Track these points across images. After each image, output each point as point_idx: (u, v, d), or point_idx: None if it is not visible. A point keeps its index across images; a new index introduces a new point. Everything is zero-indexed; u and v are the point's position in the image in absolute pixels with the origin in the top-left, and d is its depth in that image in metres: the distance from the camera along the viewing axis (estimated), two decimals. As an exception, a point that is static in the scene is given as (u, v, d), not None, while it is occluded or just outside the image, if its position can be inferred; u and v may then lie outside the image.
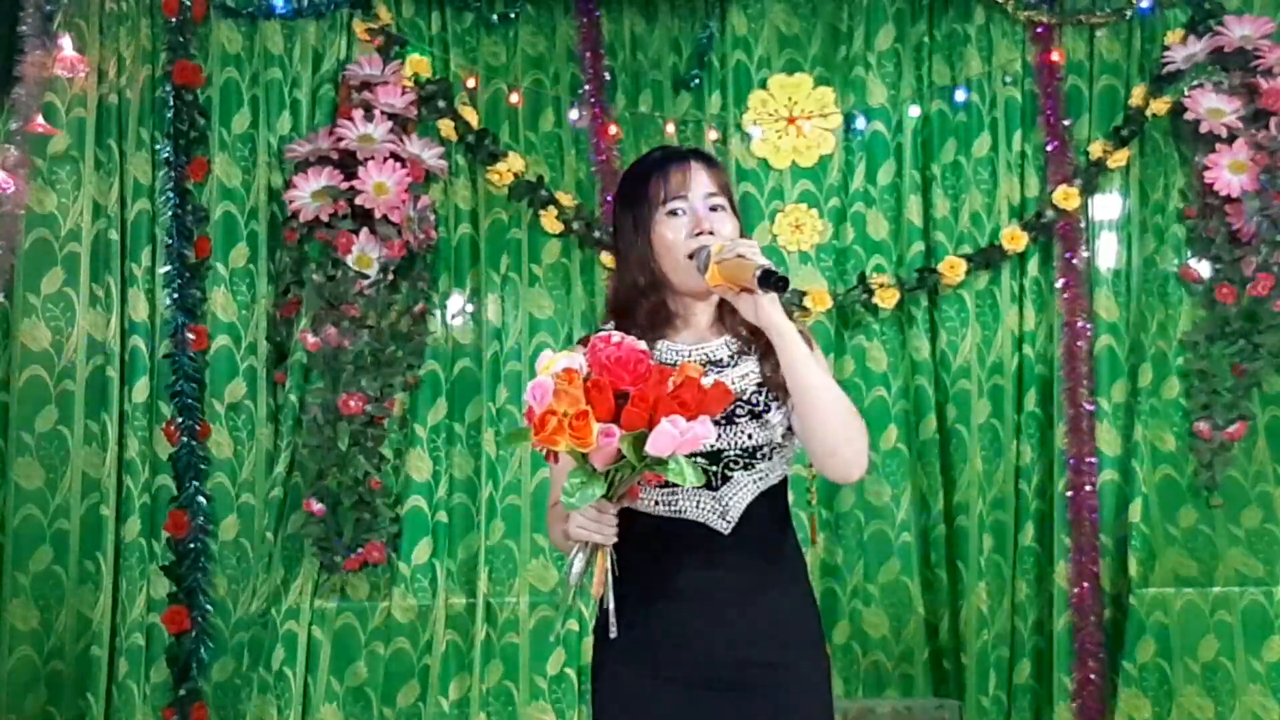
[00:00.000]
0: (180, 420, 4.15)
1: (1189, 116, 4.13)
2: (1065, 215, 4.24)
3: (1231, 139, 4.11)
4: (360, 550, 4.10)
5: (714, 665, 2.16)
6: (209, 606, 4.15)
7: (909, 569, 4.23)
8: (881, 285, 4.23)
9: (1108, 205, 4.30)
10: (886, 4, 4.33)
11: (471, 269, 4.30)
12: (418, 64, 4.22)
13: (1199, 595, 4.11)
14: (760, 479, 2.19)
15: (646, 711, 2.18)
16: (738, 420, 2.18)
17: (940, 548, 4.26)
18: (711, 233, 2.18)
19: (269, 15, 4.25)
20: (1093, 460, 4.19)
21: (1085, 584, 4.15)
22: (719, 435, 2.13)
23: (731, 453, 2.18)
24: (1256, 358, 4.16)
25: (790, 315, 2.14)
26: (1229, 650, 4.08)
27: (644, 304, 2.23)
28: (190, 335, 4.16)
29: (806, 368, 2.11)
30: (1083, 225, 4.29)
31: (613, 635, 2.11)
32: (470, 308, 4.30)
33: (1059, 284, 4.26)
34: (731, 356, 2.24)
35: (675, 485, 2.10)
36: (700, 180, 2.22)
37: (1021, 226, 4.26)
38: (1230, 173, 4.10)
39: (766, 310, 2.10)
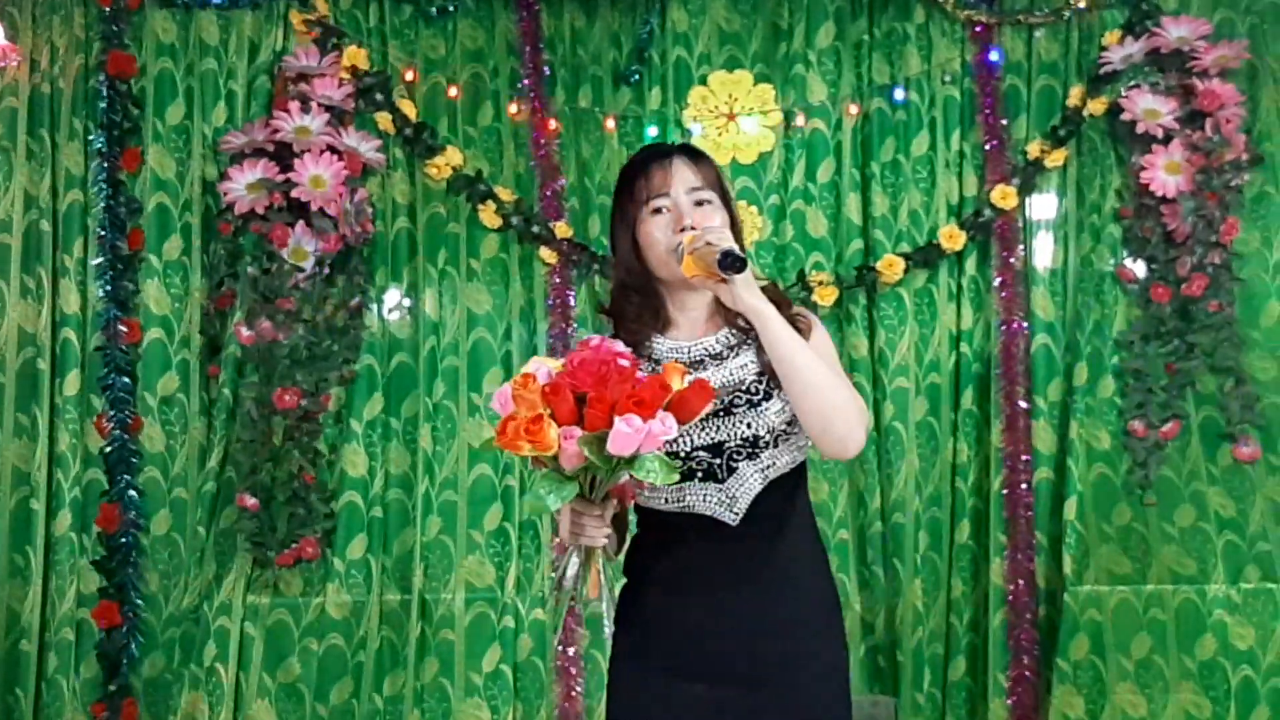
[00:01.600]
0: (112, 414, 4.11)
1: (1126, 117, 4.16)
2: (1003, 214, 4.25)
3: (1167, 140, 4.14)
4: (294, 546, 4.08)
5: (727, 661, 2.17)
6: (140, 602, 4.11)
7: (845, 566, 4.22)
8: (820, 283, 4.23)
9: (1045, 205, 4.31)
10: (827, 2, 4.31)
11: (409, 263, 4.27)
12: (355, 56, 4.19)
13: (1133, 593, 4.13)
14: (767, 468, 2.19)
15: (659, 708, 2.19)
16: (736, 410, 2.19)
17: (877, 545, 4.26)
18: (694, 227, 2.18)
19: (204, 5, 4.20)
20: (1028, 458, 4.21)
21: (1020, 581, 4.16)
22: (719, 427, 2.14)
23: (733, 443, 2.18)
24: (1191, 357, 4.19)
25: (787, 305, 2.16)
26: (1162, 648, 4.10)
27: (634, 301, 2.25)
28: (123, 328, 4.12)
29: (786, 347, 2.12)
30: (1020, 224, 4.29)
31: (606, 634, 2.15)
32: (407, 302, 4.27)
33: (996, 283, 4.27)
34: (730, 348, 2.25)
35: (682, 480, 2.11)
36: (683, 176, 2.23)
37: (959, 225, 4.26)
38: (1166, 173, 4.13)
39: (741, 294, 2.12)
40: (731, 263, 2.05)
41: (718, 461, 2.17)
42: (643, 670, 2.20)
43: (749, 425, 2.18)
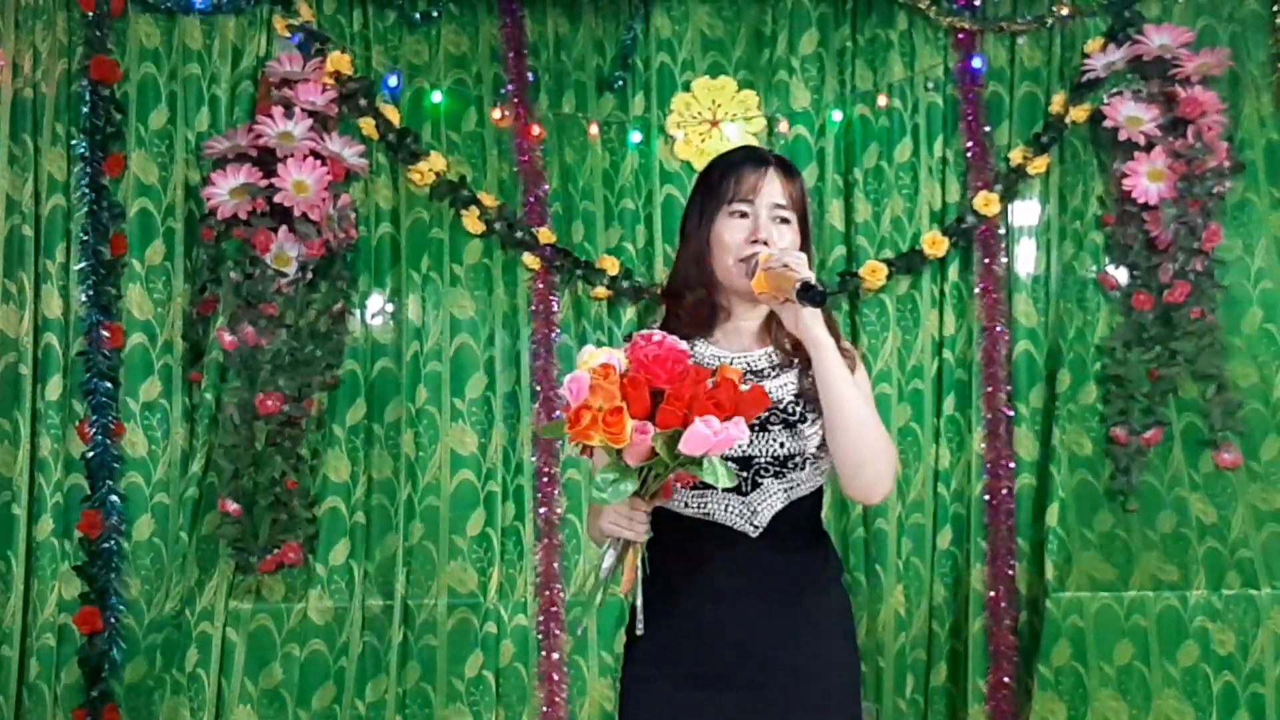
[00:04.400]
0: (94, 419, 4.10)
1: (1108, 124, 4.16)
2: (985, 221, 4.26)
3: (1150, 147, 4.15)
4: (276, 551, 4.07)
5: (738, 665, 2.18)
6: (122, 607, 4.10)
7: (828, 572, 4.22)
8: (803, 288, 4.23)
9: (1027, 211, 4.32)
10: (810, 8, 4.33)
11: (392, 268, 4.27)
12: (339, 61, 4.18)
13: (1114, 599, 4.13)
14: (790, 488, 2.21)
15: (669, 710, 2.20)
16: (771, 428, 2.20)
17: (859, 551, 4.26)
18: (767, 242, 2.19)
19: (188, 10, 4.20)
20: (1010, 465, 4.22)
21: (1001, 587, 4.17)
22: (751, 441, 2.15)
23: (763, 459, 2.20)
24: (1173, 364, 4.19)
25: (838, 338, 2.17)
26: (1144, 654, 4.10)
27: (691, 297, 2.25)
28: (105, 333, 4.12)
29: (840, 384, 2.14)
30: (1002, 231, 4.30)
31: (639, 632, 2.14)
32: (390, 307, 4.27)
33: (978, 289, 4.28)
34: (772, 367, 2.26)
35: (706, 488, 2.14)
36: (773, 189, 2.23)
37: (942, 231, 4.27)
38: (1148, 180, 4.14)
39: (806, 322, 2.13)
40: (813, 296, 2.06)
41: (745, 475, 2.19)
42: (657, 675, 2.21)
43: (782, 445, 2.20)
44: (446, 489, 4.19)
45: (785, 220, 2.24)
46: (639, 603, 2.12)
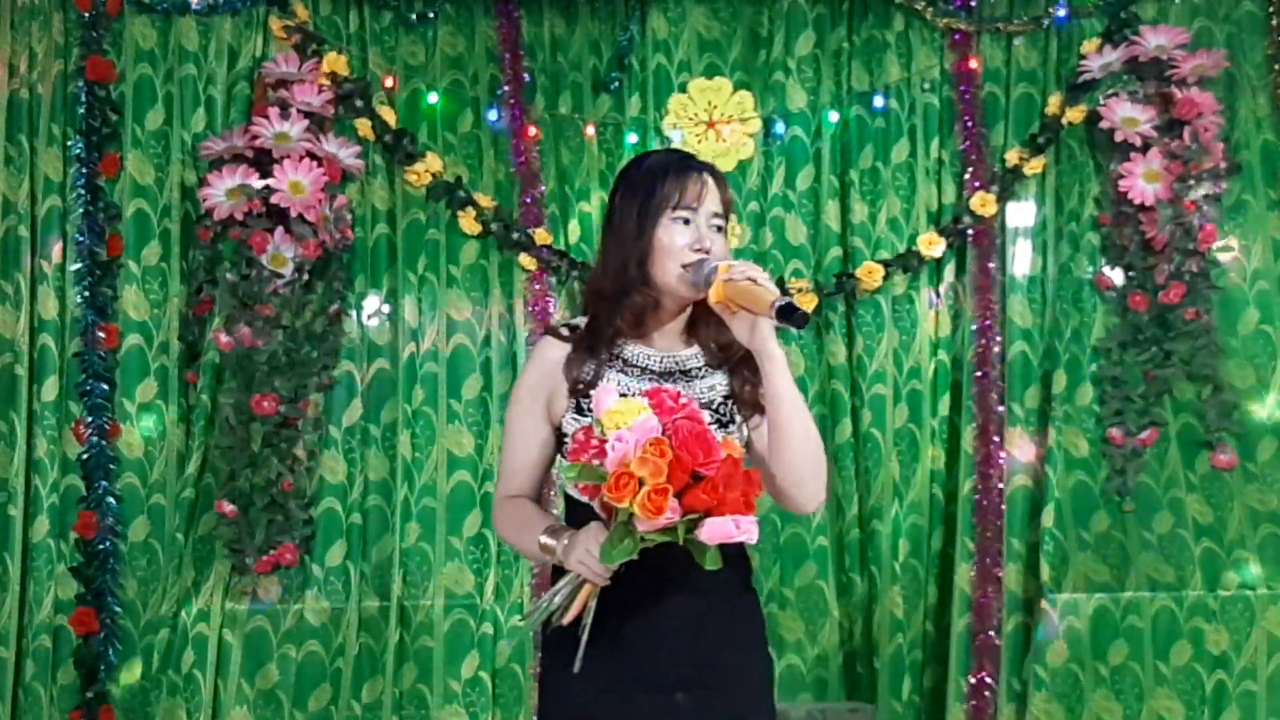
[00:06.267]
0: (90, 420, 4.09)
1: (1104, 125, 4.17)
2: (982, 222, 4.27)
3: (1146, 148, 4.15)
4: (272, 552, 4.06)
5: (668, 669, 2.18)
6: (118, 608, 4.09)
7: (824, 573, 4.24)
8: (799, 290, 4.23)
9: (1023, 212, 4.32)
10: (806, 9, 4.33)
11: (388, 269, 4.27)
12: (335, 62, 4.18)
13: (1110, 600, 4.13)
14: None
15: (595, 715, 2.20)
16: None
17: (855, 552, 4.27)
18: (708, 251, 2.19)
19: (184, 11, 4.20)
20: (1000, 464, 4.21)
21: (989, 587, 4.17)
22: None
23: None
24: (1168, 365, 4.20)
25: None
26: (1138, 654, 4.11)
27: (626, 300, 2.24)
28: (101, 334, 4.11)
29: (792, 400, 2.16)
30: (999, 232, 4.31)
31: (575, 669, 2.13)
32: (386, 308, 4.27)
33: (974, 290, 4.28)
34: (701, 368, 2.27)
35: None
36: (713, 197, 2.24)
37: (939, 232, 4.28)
38: (1144, 181, 4.14)
39: (764, 336, 2.14)
40: (795, 318, 2.04)
41: None
42: (580, 678, 2.19)
43: None
44: (443, 490, 4.19)
45: (720, 229, 2.25)
46: (584, 639, 2.13)
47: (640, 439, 1.96)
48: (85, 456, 4.10)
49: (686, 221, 2.21)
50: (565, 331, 2.30)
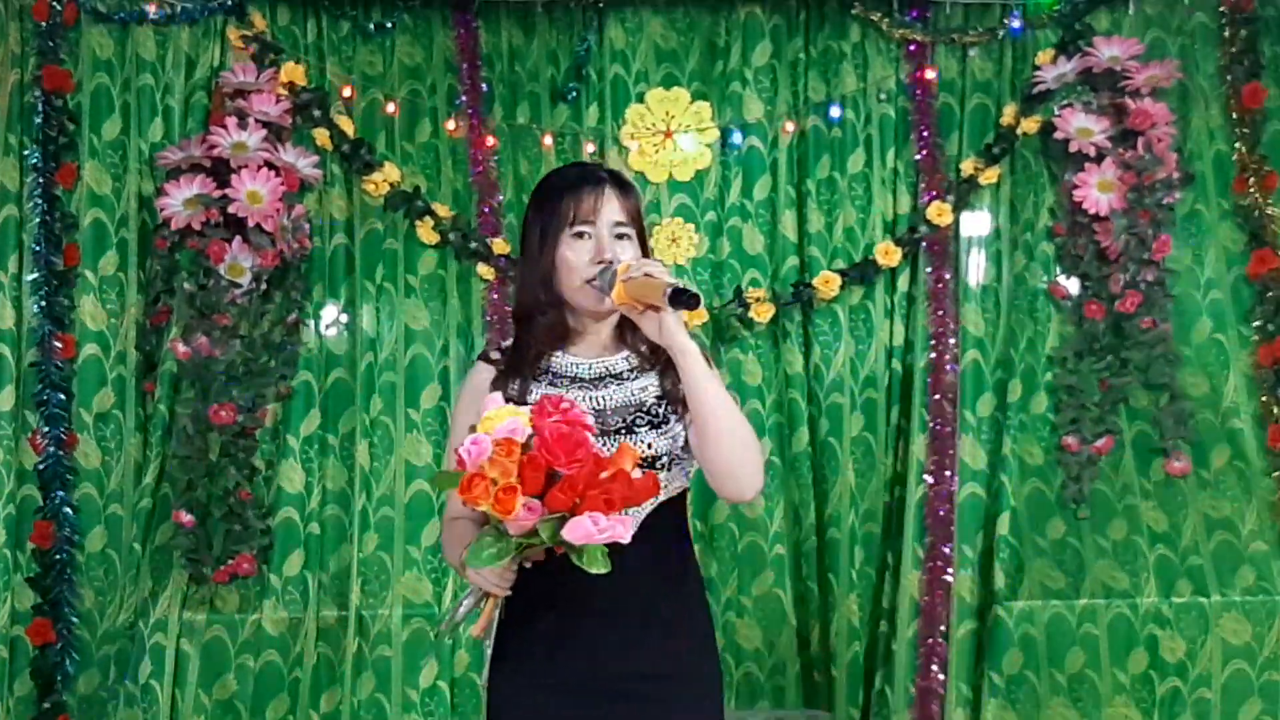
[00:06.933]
0: (46, 430, 4.07)
1: (1059, 135, 4.20)
2: (937, 231, 4.29)
3: (1100, 158, 4.18)
4: (230, 562, 4.05)
5: (607, 676, 2.19)
6: (75, 619, 4.07)
7: (781, 581, 4.25)
8: (756, 299, 4.26)
9: (979, 222, 4.35)
10: (763, 20, 4.35)
11: (346, 279, 4.26)
12: (293, 72, 4.19)
13: (1066, 607, 4.16)
14: (661, 489, 2.20)
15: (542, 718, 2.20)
16: (638, 430, 2.22)
17: (812, 560, 4.29)
18: (611, 261, 2.21)
19: (141, 21, 4.19)
20: (950, 472, 4.23)
21: (938, 593, 4.18)
22: (619, 446, 2.15)
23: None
24: (1124, 373, 4.23)
25: (704, 345, 2.19)
26: (1095, 662, 4.13)
27: (542, 319, 2.27)
28: (58, 344, 4.08)
29: (708, 388, 2.16)
30: (954, 241, 4.33)
31: (481, 682, 2.14)
32: (345, 318, 4.27)
33: (929, 299, 4.30)
34: (631, 370, 2.28)
35: None
36: (611, 207, 2.25)
37: (895, 242, 4.30)
38: (1099, 191, 4.17)
39: (670, 329, 2.15)
40: (685, 300, 2.07)
41: None
42: (522, 685, 2.21)
43: (649, 446, 2.22)
44: (401, 500, 4.19)
45: (625, 236, 2.26)
46: (489, 650, 2.16)
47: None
48: (42, 467, 4.07)
49: (586, 235, 2.24)
50: (495, 354, 2.33)
